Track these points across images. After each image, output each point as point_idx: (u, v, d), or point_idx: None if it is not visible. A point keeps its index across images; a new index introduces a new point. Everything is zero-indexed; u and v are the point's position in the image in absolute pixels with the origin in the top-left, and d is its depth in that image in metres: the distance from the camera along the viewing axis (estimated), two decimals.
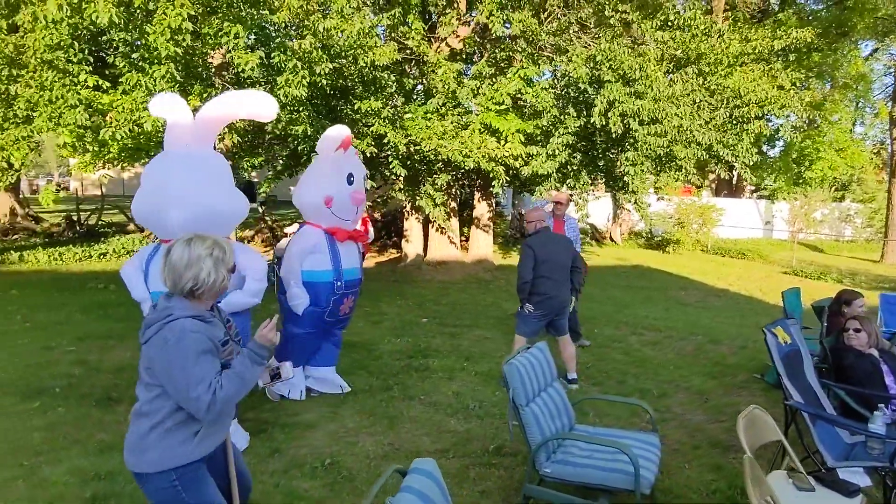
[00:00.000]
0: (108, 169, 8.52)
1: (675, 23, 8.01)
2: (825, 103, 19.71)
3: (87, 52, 5.91)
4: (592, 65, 7.70)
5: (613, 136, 7.70)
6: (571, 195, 9.37)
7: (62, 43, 5.47)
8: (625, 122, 7.50)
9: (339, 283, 4.32)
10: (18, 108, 5.87)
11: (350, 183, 4.29)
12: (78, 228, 14.47)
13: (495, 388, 4.82)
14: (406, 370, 5.27)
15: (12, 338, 5.94)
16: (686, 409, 4.56)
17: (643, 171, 8.07)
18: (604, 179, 10.09)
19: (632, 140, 7.76)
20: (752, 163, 8.24)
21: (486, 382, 4.98)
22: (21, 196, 16.88)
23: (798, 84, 10.01)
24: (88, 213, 15.66)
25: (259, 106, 3.47)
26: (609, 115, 7.44)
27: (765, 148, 21.32)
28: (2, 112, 5.98)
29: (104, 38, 6.44)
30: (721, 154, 8.10)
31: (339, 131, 4.27)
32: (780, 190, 20.40)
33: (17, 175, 7.78)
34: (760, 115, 8.15)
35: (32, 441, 3.67)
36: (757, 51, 8.24)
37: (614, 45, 7.49)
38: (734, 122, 8.29)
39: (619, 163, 8.33)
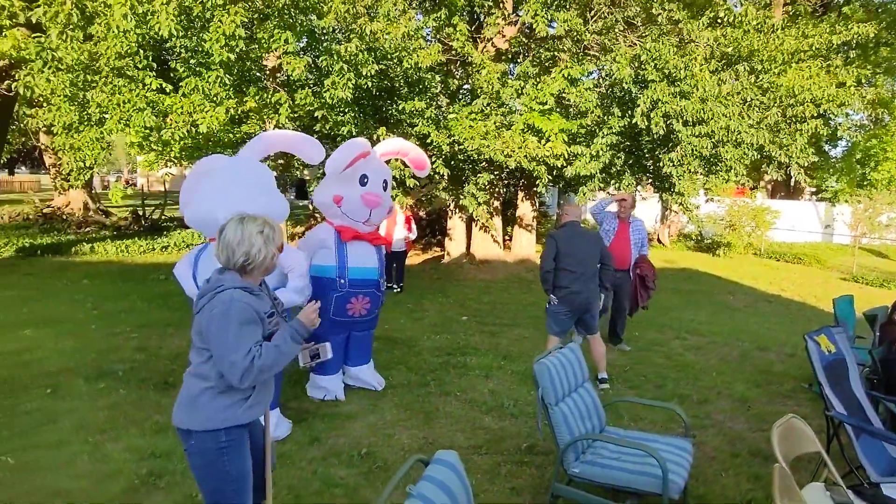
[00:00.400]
0: (170, 167, 9.04)
1: (725, 19, 7.76)
2: (894, 101, 18.52)
3: (151, 58, 6.31)
4: (637, 64, 7.58)
5: (656, 136, 7.56)
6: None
7: (129, 51, 5.87)
8: (668, 122, 7.34)
9: (341, 281, 4.29)
10: (92, 111, 6.33)
11: (363, 184, 4.27)
12: (143, 222, 15.35)
13: (531, 387, 4.86)
14: (444, 367, 5.37)
15: (83, 325, 6.41)
16: (727, 416, 4.47)
17: (689, 172, 7.87)
18: (650, 180, 9.89)
19: (675, 141, 7.59)
20: (807, 163, 7.91)
21: (523, 381, 5.02)
22: (93, 191, 18.05)
23: (864, 81, 9.51)
24: (153, 208, 16.58)
25: (311, 151, 4.02)
26: (651, 115, 7.31)
27: (826, 148, 20.24)
28: (77, 115, 6.46)
29: (167, 44, 6.86)
30: (774, 154, 7.81)
31: (350, 150, 4.17)
32: (842, 192, 19.32)
33: (90, 173, 8.37)
34: (817, 113, 7.79)
35: (97, 419, 3.98)
36: (814, 47, 7.88)
37: (660, 43, 7.34)
38: (788, 121, 7.97)
39: (662, 163, 8.16)
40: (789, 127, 8.04)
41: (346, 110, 7.15)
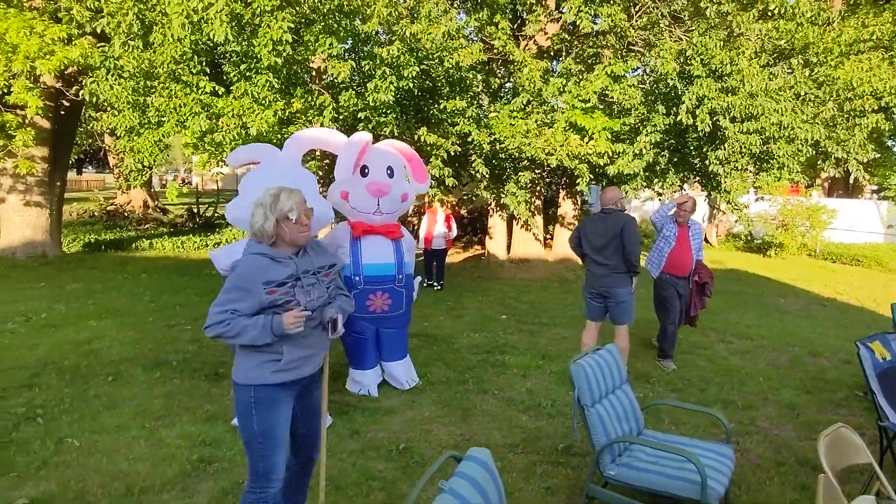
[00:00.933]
0: (222, 167, 9.44)
1: (777, 11, 7.43)
2: None
3: (204, 63, 6.61)
4: (683, 60, 7.38)
5: (702, 133, 7.33)
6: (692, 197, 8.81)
7: (184, 56, 6.16)
8: (714, 119, 7.11)
9: (356, 278, 4.33)
10: (151, 115, 6.69)
11: (364, 175, 4.29)
12: (197, 220, 16.04)
13: (569, 387, 4.78)
14: (482, 365, 5.41)
15: (142, 317, 6.79)
16: (773, 423, 4.33)
17: (736, 170, 7.60)
18: (697, 179, 9.61)
19: (722, 138, 7.35)
20: (866, 160, 7.51)
21: (561, 381, 5.01)
22: (152, 190, 19.01)
23: None
24: (206, 206, 17.29)
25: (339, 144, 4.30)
26: (697, 112, 7.10)
27: (889, 143, 19.09)
28: (138, 119, 6.84)
29: (219, 49, 7.16)
30: (830, 150, 7.45)
31: (351, 150, 4.22)
32: None
33: (149, 173, 8.85)
34: (878, 107, 7.38)
35: (153, 407, 4.23)
36: (875, 37, 7.45)
37: (706, 38, 7.11)
38: (845, 115, 7.58)
39: (709, 161, 7.91)
40: (847, 122, 7.65)
41: (389, 112, 7.28)
